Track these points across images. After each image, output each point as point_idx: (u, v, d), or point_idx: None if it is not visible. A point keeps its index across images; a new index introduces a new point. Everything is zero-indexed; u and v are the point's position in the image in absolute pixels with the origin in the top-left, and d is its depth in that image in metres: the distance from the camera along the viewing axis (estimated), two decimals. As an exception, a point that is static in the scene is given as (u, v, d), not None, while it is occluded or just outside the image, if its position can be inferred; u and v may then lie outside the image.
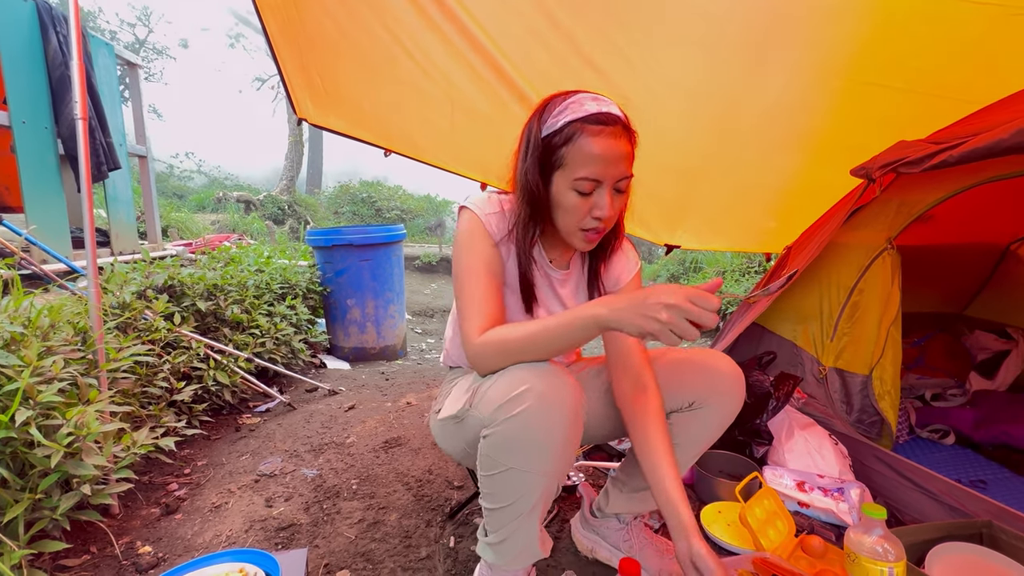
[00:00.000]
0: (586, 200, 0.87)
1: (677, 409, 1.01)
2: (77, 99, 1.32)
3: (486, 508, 0.88)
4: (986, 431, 1.70)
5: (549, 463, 0.80)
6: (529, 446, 0.78)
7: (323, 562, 1.17)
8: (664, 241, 2.31)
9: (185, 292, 2.08)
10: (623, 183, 0.88)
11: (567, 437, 0.80)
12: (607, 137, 0.83)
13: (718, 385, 0.99)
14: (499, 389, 0.80)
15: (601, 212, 0.87)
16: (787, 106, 1.64)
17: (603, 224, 0.89)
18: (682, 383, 1.00)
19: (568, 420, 0.79)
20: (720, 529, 1.24)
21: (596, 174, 0.85)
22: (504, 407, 0.77)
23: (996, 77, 1.38)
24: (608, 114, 0.85)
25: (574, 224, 0.90)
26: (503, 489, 0.83)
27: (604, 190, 0.86)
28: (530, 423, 0.77)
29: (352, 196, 10.36)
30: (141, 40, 15.15)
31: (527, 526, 0.87)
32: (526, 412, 0.76)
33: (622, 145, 0.85)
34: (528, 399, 0.76)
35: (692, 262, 6.41)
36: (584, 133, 0.84)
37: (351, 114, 1.97)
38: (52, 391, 1.05)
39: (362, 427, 1.96)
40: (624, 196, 0.91)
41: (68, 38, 2.53)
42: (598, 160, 0.84)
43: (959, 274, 2.27)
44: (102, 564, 1.16)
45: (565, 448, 0.81)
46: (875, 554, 0.85)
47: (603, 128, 0.84)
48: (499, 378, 0.81)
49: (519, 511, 0.85)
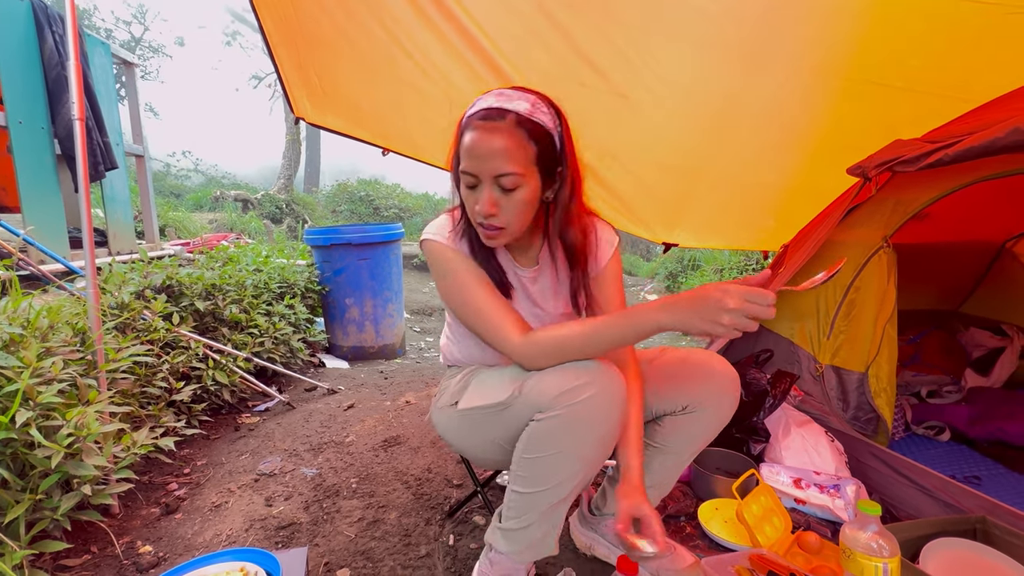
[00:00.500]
0: (473, 195, 0.88)
1: (671, 412, 1.02)
2: (74, 100, 1.31)
3: (517, 492, 0.90)
4: (981, 428, 1.72)
5: (598, 450, 0.85)
6: (588, 430, 0.83)
7: (323, 561, 1.18)
8: (662, 239, 2.32)
9: (183, 292, 2.08)
10: (506, 180, 0.85)
11: (617, 427, 0.86)
12: (481, 132, 0.84)
13: (712, 389, 0.99)
14: (560, 378, 0.83)
15: (479, 208, 0.86)
16: (785, 105, 1.64)
17: (491, 222, 0.88)
18: (676, 386, 1.01)
19: (621, 412, 0.85)
20: (717, 526, 1.25)
21: (470, 168, 0.86)
22: (568, 393, 0.81)
23: (993, 75, 1.39)
24: (490, 109, 0.84)
25: (472, 218, 0.91)
26: (544, 473, 0.86)
27: (483, 185, 0.86)
28: (593, 408, 0.81)
29: (350, 195, 10.34)
30: (137, 38, 15.07)
31: (555, 515, 0.91)
32: (591, 399, 0.81)
33: (499, 139, 0.83)
34: (593, 388, 0.81)
35: (690, 260, 6.42)
36: (468, 128, 0.86)
37: (349, 113, 1.97)
38: (52, 392, 1.05)
39: (361, 426, 1.96)
40: (518, 194, 0.86)
41: (64, 37, 2.52)
42: (470, 154, 0.85)
43: (955, 272, 2.28)
44: (103, 564, 1.16)
45: (613, 438, 0.87)
46: (870, 550, 0.86)
47: (481, 123, 0.84)
48: (559, 369, 0.84)
49: (554, 497, 0.87)
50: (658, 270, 6.96)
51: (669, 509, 1.34)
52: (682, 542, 1.22)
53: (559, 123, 0.90)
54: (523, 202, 0.88)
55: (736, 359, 1.83)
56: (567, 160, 0.91)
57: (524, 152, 0.85)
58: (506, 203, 0.87)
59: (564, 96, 1.80)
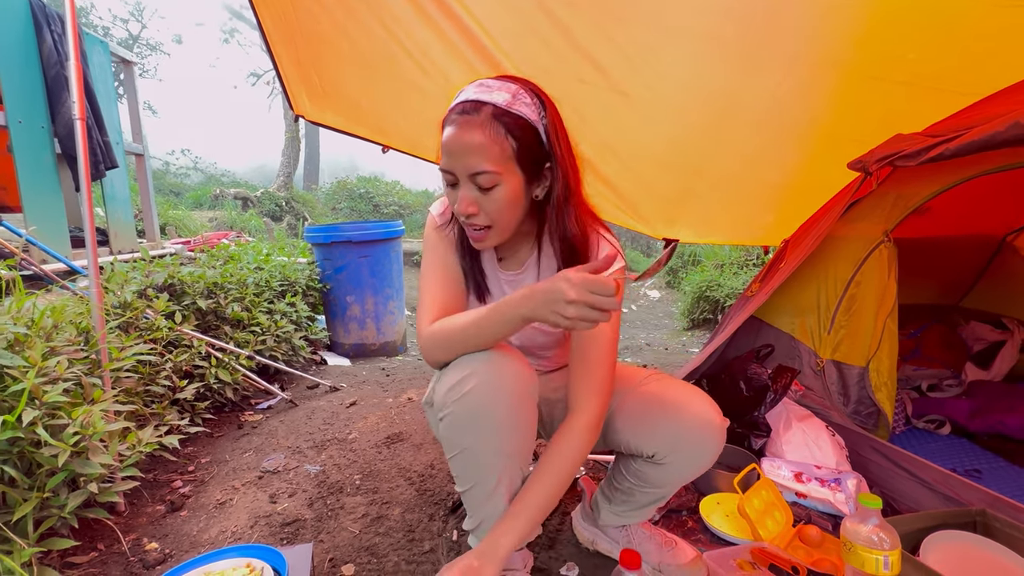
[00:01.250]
0: (453, 193, 0.84)
1: (639, 455, 0.97)
2: (75, 99, 1.32)
3: (459, 492, 0.91)
4: (981, 421, 1.72)
5: (498, 441, 0.83)
6: (476, 425, 0.81)
7: (328, 557, 1.19)
8: (662, 235, 2.32)
9: (185, 291, 2.08)
10: (481, 179, 0.79)
11: (514, 414, 0.83)
12: (455, 127, 0.79)
13: (682, 442, 0.91)
14: (449, 374, 0.83)
15: (458, 208, 0.83)
16: (785, 100, 1.64)
17: (473, 222, 0.84)
18: (644, 430, 0.93)
19: (512, 399, 0.82)
20: (719, 520, 1.26)
21: (446, 165, 0.82)
22: (453, 390, 0.81)
23: (993, 69, 1.38)
24: (467, 102, 0.80)
25: (457, 217, 0.88)
26: (463, 470, 0.87)
27: (461, 183, 0.82)
28: (474, 402, 0.80)
29: (350, 192, 10.33)
30: (135, 36, 15.02)
31: (495, 509, 0.88)
32: (470, 392, 0.80)
33: (473, 136, 0.78)
34: (472, 381, 0.80)
35: (691, 255, 6.42)
36: (447, 122, 0.82)
37: (348, 111, 1.97)
38: (57, 391, 1.06)
39: (364, 423, 1.97)
40: (496, 193, 0.81)
41: (63, 36, 2.52)
42: (446, 151, 0.81)
43: (955, 266, 2.28)
44: (110, 561, 1.17)
45: (514, 426, 0.84)
46: (871, 543, 0.87)
47: (457, 118, 0.80)
48: (452, 366, 0.84)
49: (483, 492, 0.87)
50: (658, 266, 6.95)
51: (671, 504, 1.35)
52: (684, 536, 1.23)
53: (544, 114, 0.84)
54: (503, 201, 0.82)
55: (737, 355, 1.84)
56: (557, 154, 0.84)
57: (500, 148, 0.79)
58: (485, 202, 0.82)
59: (564, 93, 1.80)
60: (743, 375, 1.64)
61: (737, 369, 1.68)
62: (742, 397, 1.59)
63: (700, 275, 4.89)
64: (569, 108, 1.90)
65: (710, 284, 4.65)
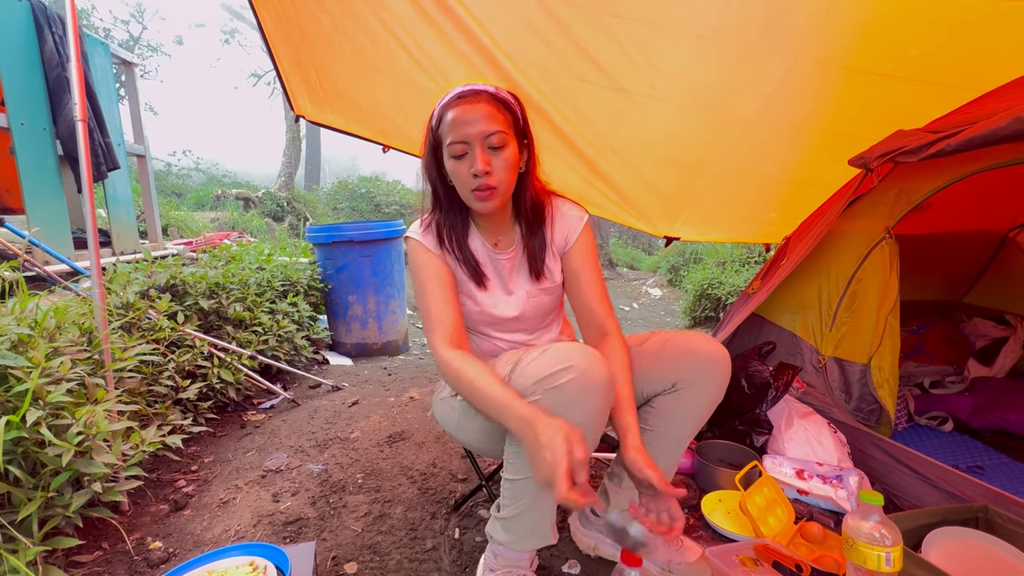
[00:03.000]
0: (464, 163, 0.95)
1: (661, 392, 1.02)
2: (76, 100, 1.32)
3: (506, 479, 0.92)
4: (984, 417, 1.72)
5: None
6: (569, 414, 0.82)
7: (331, 555, 1.19)
8: (664, 233, 2.31)
9: (187, 291, 2.09)
10: (494, 139, 0.94)
11: (601, 412, 0.86)
12: (464, 103, 0.94)
13: (700, 365, 0.99)
14: (542, 363, 0.84)
15: (475, 168, 0.94)
16: (786, 97, 1.64)
17: (486, 181, 0.94)
18: (663, 365, 1.01)
19: (604, 396, 0.85)
20: (720, 517, 1.26)
21: (461, 135, 0.94)
22: (547, 379, 0.82)
23: (995, 64, 1.38)
24: (468, 89, 0.96)
25: (465, 189, 0.98)
26: (526, 459, 0.86)
27: (475, 148, 0.94)
28: (571, 394, 0.82)
29: (351, 192, 10.33)
30: (135, 37, 15.03)
31: (544, 503, 0.91)
32: (569, 384, 0.81)
33: (481, 107, 0.93)
34: (572, 373, 0.82)
35: (692, 253, 6.41)
36: (448, 108, 0.95)
37: (348, 110, 1.97)
38: (61, 391, 1.06)
39: (366, 422, 1.98)
40: (505, 153, 0.95)
41: (64, 38, 2.52)
42: (458, 123, 0.94)
43: (957, 262, 2.28)
44: (114, 560, 1.18)
45: (597, 423, 0.86)
46: (872, 539, 0.87)
47: (462, 100, 0.95)
48: (542, 355, 0.86)
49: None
50: (660, 264, 6.96)
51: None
52: (685, 533, 1.23)
53: (519, 104, 1.02)
54: (510, 160, 0.97)
55: (739, 352, 1.84)
56: (529, 134, 1.03)
57: (504, 116, 0.96)
58: (496, 162, 0.95)
59: (565, 91, 1.80)
60: (745, 373, 1.64)
61: (739, 367, 1.68)
62: (744, 395, 1.59)
63: (702, 273, 4.88)
64: (570, 107, 1.90)
65: (712, 282, 4.64)
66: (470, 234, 1.09)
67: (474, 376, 0.88)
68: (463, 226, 1.08)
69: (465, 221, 1.08)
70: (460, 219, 1.07)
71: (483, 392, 0.86)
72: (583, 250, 1.09)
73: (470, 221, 1.09)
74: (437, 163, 1.01)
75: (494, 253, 1.09)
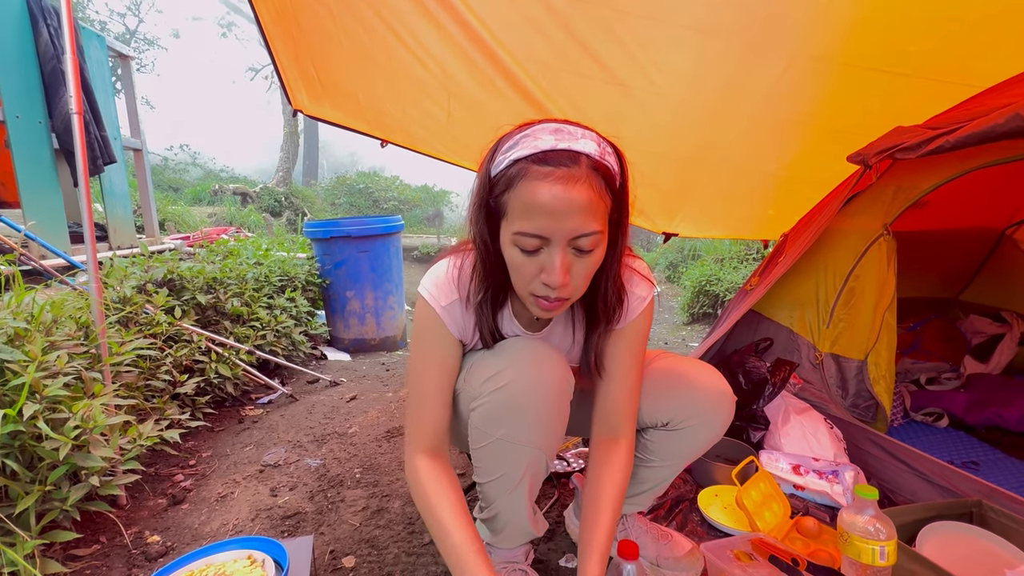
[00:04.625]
0: (532, 260, 0.71)
1: (652, 426, 0.98)
2: (72, 93, 1.31)
3: (478, 483, 0.91)
4: (979, 413, 1.73)
5: (532, 433, 0.83)
6: (512, 417, 0.81)
7: (329, 549, 1.19)
8: (662, 229, 2.32)
9: (185, 286, 2.08)
10: (585, 241, 0.69)
11: (550, 410, 0.83)
12: (555, 183, 0.66)
13: (698, 407, 0.93)
14: (487, 365, 0.82)
15: (550, 278, 0.70)
16: (785, 92, 1.63)
17: (559, 293, 0.72)
18: (659, 400, 0.95)
19: (551, 394, 0.82)
20: (717, 512, 1.27)
21: (539, 229, 0.68)
22: (491, 380, 0.81)
23: (994, 61, 1.38)
24: (562, 152, 0.67)
25: (522, 287, 0.75)
26: (491, 461, 0.86)
27: (555, 249, 0.69)
28: (513, 393, 0.80)
29: (349, 187, 10.32)
30: (132, 30, 14.92)
31: (516, 501, 0.89)
32: (511, 384, 0.79)
33: (580, 192, 0.66)
34: (512, 373, 0.80)
35: (691, 250, 6.42)
36: (527, 176, 0.67)
37: (346, 105, 1.96)
38: (58, 385, 1.06)
39: (364, 417, 1.98)
40: (593, 256, 0.72)
41: (59, 30, 2.50)
42: (540, 211, 0.67)
43: (955, 259, 2.28)
44: (112, 553, 1.18)
45: (549, 420, 0.84)
46: (867, 533, 0.88)
47: (552, 171, 0.66)
48: (489, 355, 0.84)
49: (508, 484, 0.87)
50: (659, 260, 6.96)
51: (669, 494, 1.35)
52: (682, 528, 1.24)
53: (621, 166, 0.74)
54: (594, 265, 0.73)
55: (736, 348, 1.84)
56: (625, 212, 0.76)
57: (604, 205, 0.70)
58: (578, 267, 0.72)
59: (564, 88, 1.80)
60: (742, 368, 1.64)
61: (736, 362, 1.69)
62: (741, 390, 1.60)
63: (700, 269, 4.89)
64: (568, 102, 1.89)
65: (710, 278, 4.65)
66: (503, 310, 0.88)
67: (438, 514, 0.78)
68: (498, 303, 0.85)
69: (503, 298, 0.86)
70: (495, 292, 0.83)
71: (443, 543, 0.77)
72: (633, 335, 0.90)
73: (508, 299, 0.88)
74: (491, 232, 0.75)
75: (518, 328, 0.91)
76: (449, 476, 0.83)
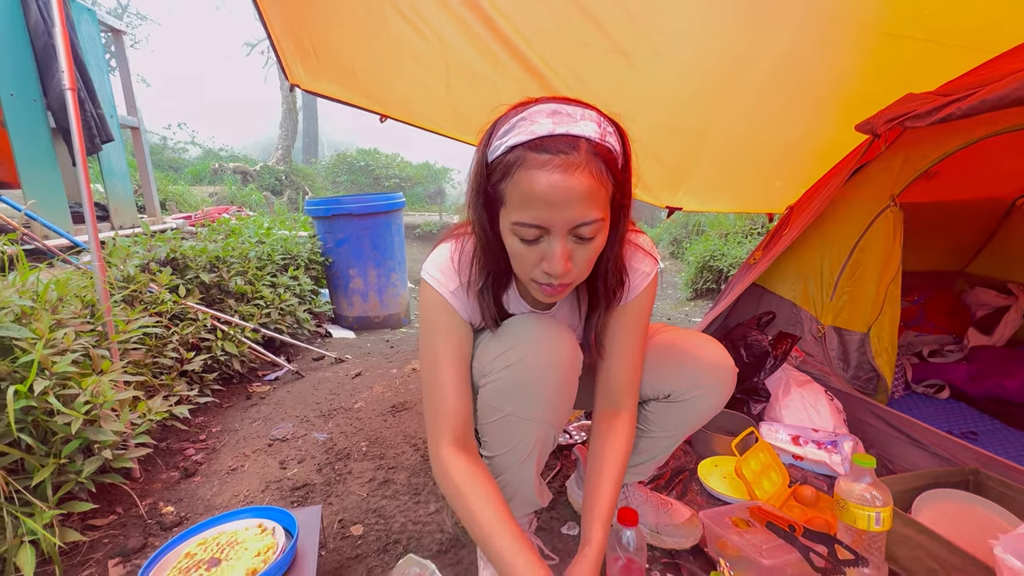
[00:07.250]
0: (532, 249, 0.70)
1: (654, 398, 0.99)
2: (64, 68, 1.29)
3: (486, 457, 0.92)
4: (980, 384, 1.74)
5: (543, 409, 0.84)
6: (523, 393, 0.82)
7: (337, 518, 1.23)
8: (665, 203, 2.29)
9: (188, 265, 2.09)
10: (586, 229, 0.68)
11: (560, 387, 0.84)
12: (553, 171, 0.63)
13: (699, 380, 0.94)
14: (498, 341, 0.83)
15: (551, 267, 0.69)
16: (796, 60, 1.58)
17: (561, 280, 0.72)
18: (661, 373, 0.96)
19: (562, 371, 0.83)
20: (716, 481, 1.29)
21: (538, 219, 0.66)
22: (502, 357, 0.81)
23: (1012, 25, 1.32)
24: (560, 137, 0.64)
25: (524, 274, 0.75)
26: (501, 436, 0.87)
27: (555, 239, 0.68)
28: (525, 369, 0.81)
29: (349, 165, 10.21)
30: (123, 5, 14.57)
31: (523, 474, 0.91)
32: (522, 360, 0.80)
33: (580, 180, 0.64)
34: (523, 350, 0.80)
35: (695, 224, 6.36)
36: (524, 164, 0.65)
37: (343, 79, 1.92)
38: (66, 362, 1.08)
39: (369, 393, 2.01)
40: (594, 243, 0.71)
41: (48, 4, 2.44)
42: (538, 202, 0.65)
43: (962, 231, 2.25)
44: (128, 523, 1.22)
45: (559, 397, 0.85)
46: (863, 500, 0.89)
47: (550, 159, 0.63)
48: (500, 332, 0.85)
49: (516, 458, 0.88)
50: (663, 236, 6.91)
51: (670, 465, 1.38)
52: (682, 498, 1.26)
53: (623, 146, 0.71)
54: (595, 251, 0.73)
55: (739, 322, 1.85)
56: (629, 193, 0.74)
57: (605, 191, 0.68)
58: (580, 254, 0.71)
59: (566, 58, 1.75)
60: (744, 342, 1.65)
61: (738, 336, 1.69)
62: (742, 363, 1.61)
63: (704, 245, 4.85)
64: (570, 73, 1.84)
65: (714, 254, 4.62)
66: (507, 291, 0.88)
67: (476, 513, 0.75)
68: (501, 286, 0.85)
69: (507, 280, 0.85)
70: (496, 277, 0.82)
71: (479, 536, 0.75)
72: (636, 311, 0.90)
73: (512, 280, 0.87)
74: (490, 220, 0.74)
75: (525, 306, 0.91)
76: (484, 472, 0.81)
